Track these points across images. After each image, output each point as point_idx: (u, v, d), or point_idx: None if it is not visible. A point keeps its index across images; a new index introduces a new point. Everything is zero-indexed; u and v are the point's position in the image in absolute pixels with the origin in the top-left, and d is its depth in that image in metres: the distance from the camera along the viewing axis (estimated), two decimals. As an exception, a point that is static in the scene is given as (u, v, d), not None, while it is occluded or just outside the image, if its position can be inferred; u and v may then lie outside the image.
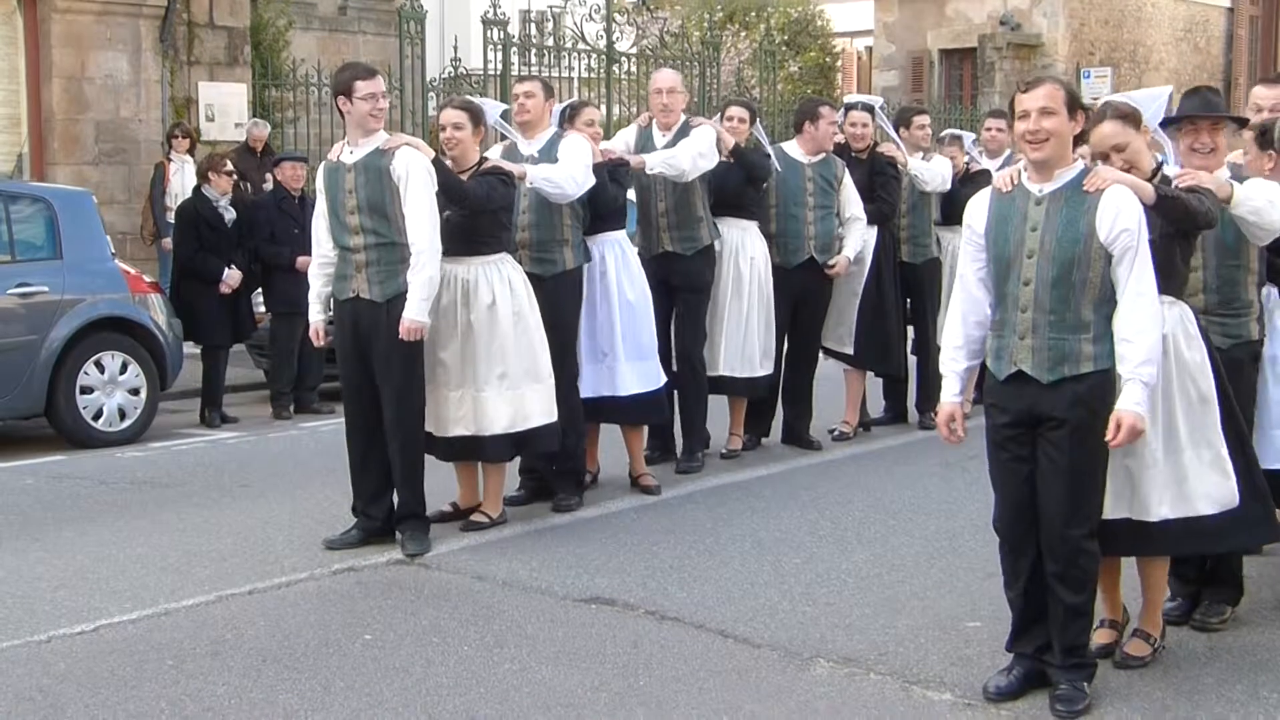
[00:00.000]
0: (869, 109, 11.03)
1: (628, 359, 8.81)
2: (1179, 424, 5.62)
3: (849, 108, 11.16)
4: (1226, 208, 5.93)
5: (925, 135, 11.50)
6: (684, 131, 9.38)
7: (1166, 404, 5.60)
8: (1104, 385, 5.31)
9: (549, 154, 8.38)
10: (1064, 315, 5.29)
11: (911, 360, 11.40)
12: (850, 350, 10.79)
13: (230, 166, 12.22)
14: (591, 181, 8.39)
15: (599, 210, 8.68)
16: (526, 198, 8.36)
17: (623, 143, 9.55)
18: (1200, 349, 5.70)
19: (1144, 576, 6.00)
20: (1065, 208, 5.29)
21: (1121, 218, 5.22)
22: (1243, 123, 6.61)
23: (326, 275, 7.80)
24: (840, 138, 10.80)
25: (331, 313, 7.90)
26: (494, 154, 8.71)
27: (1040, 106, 5.31)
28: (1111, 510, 5.57)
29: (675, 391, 9.57)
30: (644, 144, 9.48)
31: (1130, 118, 5.73)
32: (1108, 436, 5.23)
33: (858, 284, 10.70)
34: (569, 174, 8.20)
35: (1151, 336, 5.23)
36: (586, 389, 8.76)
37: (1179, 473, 5.62)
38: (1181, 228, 5.60)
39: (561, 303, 8.48)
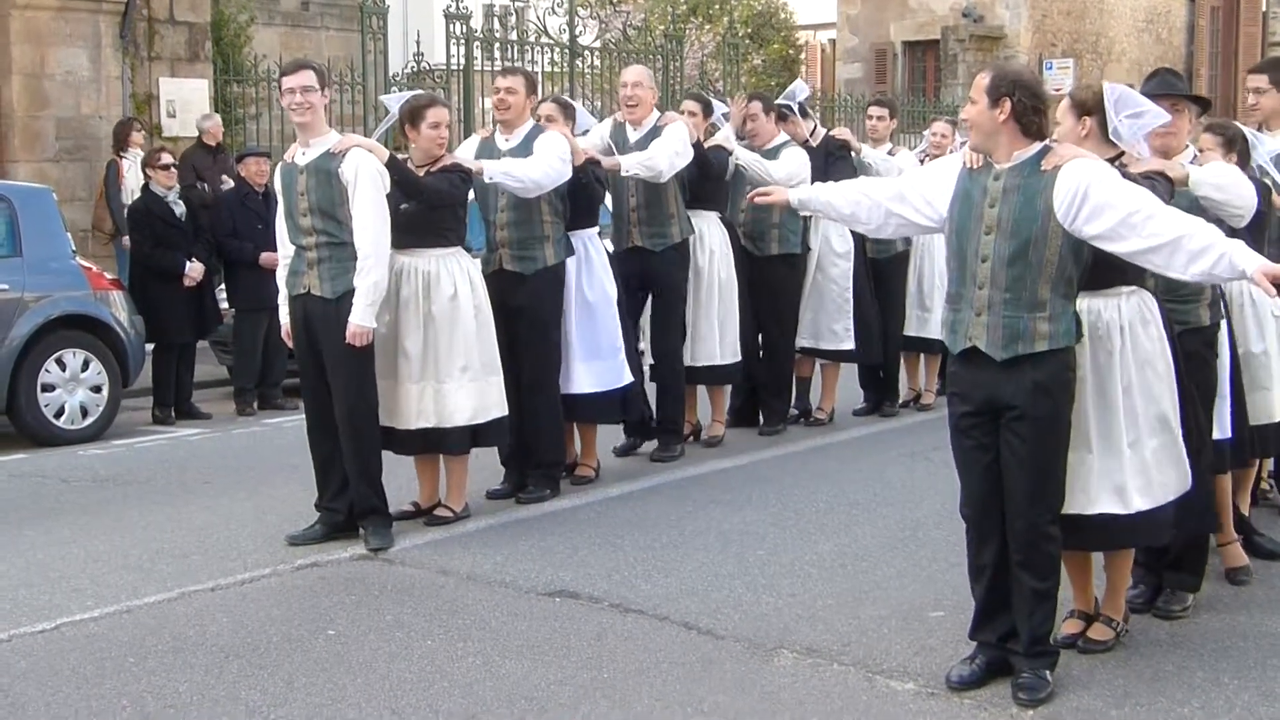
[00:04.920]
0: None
1: (582, 358, 8.80)
2: (1139, 414, 5.62)
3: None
4: (1186, 189, 5.93)
5: (874, 128, 11.49)
6: (656, 129, 9.37)
7: (1127, 396, 5.59)
8: (1062, 368, 5.31)
9: (525, 149, 8.34)
10: (1020, 294, 5.29)
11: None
12: (851, 345, 10.84)
13: (166, 160, 12.13)
14: (566, 176, 8.35)
15: (575, 205, 8.66)
16: (504, 196, 8.34)
17: (598, 137, 9.54)
18: (1161, 337, 5.69)
19: (1108, 562, 6.02)
20: (1023, 185, 5.29)
21: (1080, 185, 5.17)
22: (1204, 104, 6.63)
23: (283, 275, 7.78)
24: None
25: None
26: (470, 145, 8.71)
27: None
28: (1090, 505, 5.57)
29: (647, 388, 9.59)
30: (617, 139, 9.49)
31: (1078, 105, 5.72)
32: (1270, 295, 5.06)
33: (846, 281, 10.77)
34: (534, 169, 8.16)
35: (1199, 221, 5.16)
36: None
37: (1143, 463, 5.62)
38: None
39: (545, 299, 8.49)
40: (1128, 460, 5.60)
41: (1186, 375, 5.85)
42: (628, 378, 9.04)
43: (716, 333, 9.94)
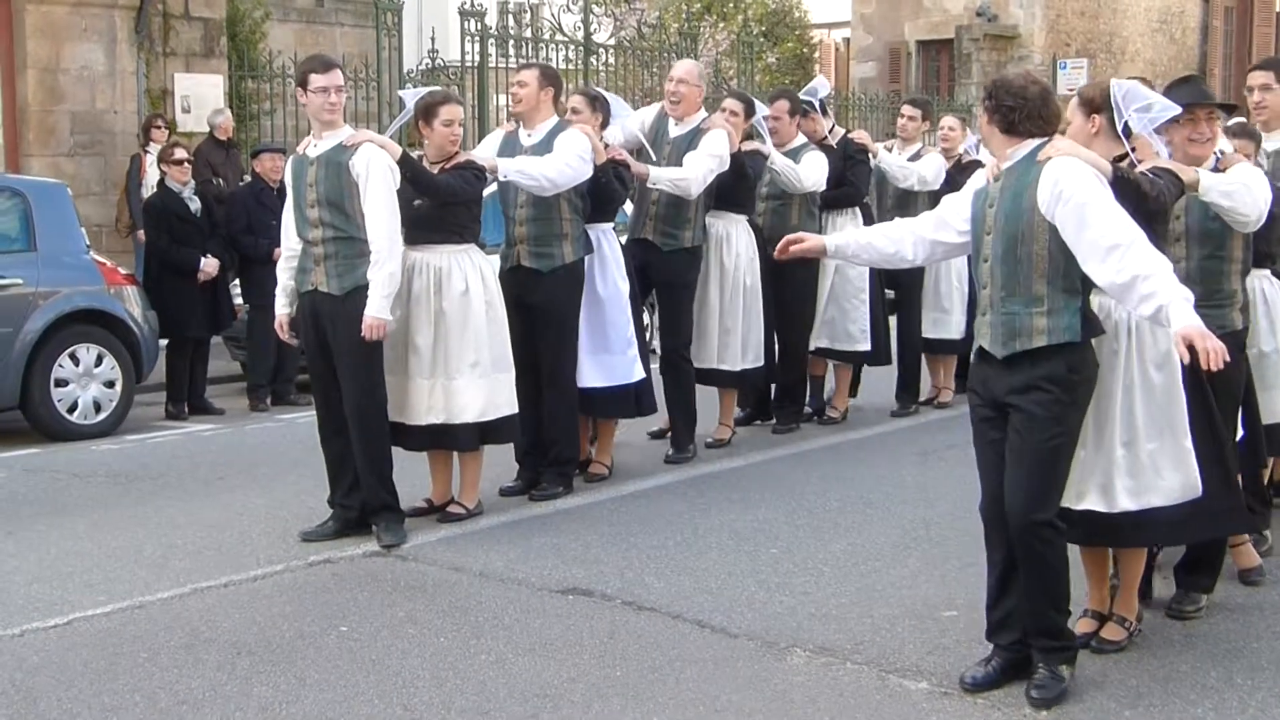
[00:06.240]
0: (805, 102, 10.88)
1: (590, 352, 8.77)
2: (1139, 415, 5.60)
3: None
4: (1196, 195, 5.91)
5: (904, 127, 11.47)
6: (698, 131, 9.32)
7: (1127, 395, 5.58)
8: (1062, 367, 5.25)
9: (547, 145, 8.31)
10: (1014, 290, 5.29)
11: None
12: (867, 346, 10.82)
13: (180, 155, 12.13)
14: (585, 174, 8.31)
15: (593, 201, 8.65)
16: (524, 192, 8.32)
17: (638, 123, 9.49)
18: (1168, 336, 5.67)
19: (1120, 561, 6.00)
20: (1015, 182, 5.30)
21: (1060, 185, 5.14)
22: (1230, 109, 6.59)
23: (294, 268, 7.80)
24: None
25: (290, 305, 7.92)
26: (494, 139, 8.70)
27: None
28: (1077, 500, 5.57)
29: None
30: (659, 129, 9.47)
31: (1086, 103, 5.71)
32: (1184, 360, 5.00)
33: (862, 281, 10.75)
34: (550, 167, 8.12)
35: (1164, 264, 5.05)
36: None
37: (1137, 464, 5.60)
38: (1139, 209, 5.51)
39: (561, 298, 8.46)
40: (1119, 460, 5.59)
41: (1213, 380, 5.82)
42: (639, 374, 9.00)
43: (740, 337, 9.89)
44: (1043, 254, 5.23)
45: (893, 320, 11.38)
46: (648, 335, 9.92)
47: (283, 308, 7.87)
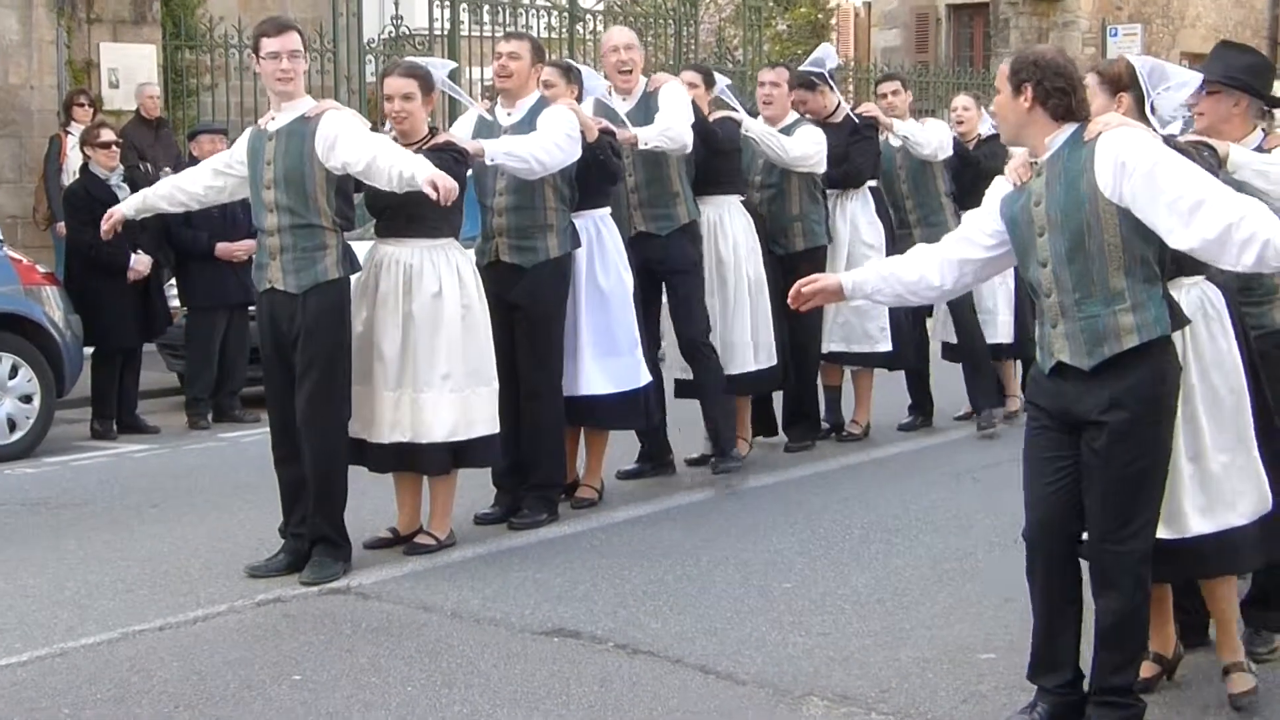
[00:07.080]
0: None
1: (596, 355, 8.79)
2: (1204, 424, 5.60)
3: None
4: (1228, 172, 5.93)
5: (892, 104, 11.42)
6: (648, 96, 9.36)
7: (1188, 403, 5.56)
8: (1148, 374, 5.25)
9: (529, 124, 8.33)
10: (1090, 290, 5.27)
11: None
12: (889, 346, 10.83)
13: (107, 136, 12.09)
14: (574, 155, 8.34)
15: (586, 184, 8.65)
16: (503, 178, 8.33)
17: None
18: (1227, 335, 5.68)
19: (1208, 598, 5.95)
20: (1063, 171, 5.30)
21: (1121, 156, 5.15)
22: (1274, 104, 6.57)
23: (166, 194, 8.09)
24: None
25: (136, 212, 8.25)
26: (468, 120, 8.71)
27: None
28: None
29: (659, 392, 9.54)
30: (606, 117, 9.43)
31: (1110, 81, 5.75)
32: None
33: None
34: (538, 146, 8.13)
35: (1253, 203, 5.06)
36: None
37: (1208, 480, 5.60)
38: None
39: (545, 297, 8.49)
40: (1186, 478, 5.58)
41: (1264, 381, 5.84)
42: (646, 377, 9.03)
43: (749, 336, 9.90)
44: (1115, 243, 5.23)
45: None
46: (662, 343, 9.93)
47: (126, 206, 8.20)
